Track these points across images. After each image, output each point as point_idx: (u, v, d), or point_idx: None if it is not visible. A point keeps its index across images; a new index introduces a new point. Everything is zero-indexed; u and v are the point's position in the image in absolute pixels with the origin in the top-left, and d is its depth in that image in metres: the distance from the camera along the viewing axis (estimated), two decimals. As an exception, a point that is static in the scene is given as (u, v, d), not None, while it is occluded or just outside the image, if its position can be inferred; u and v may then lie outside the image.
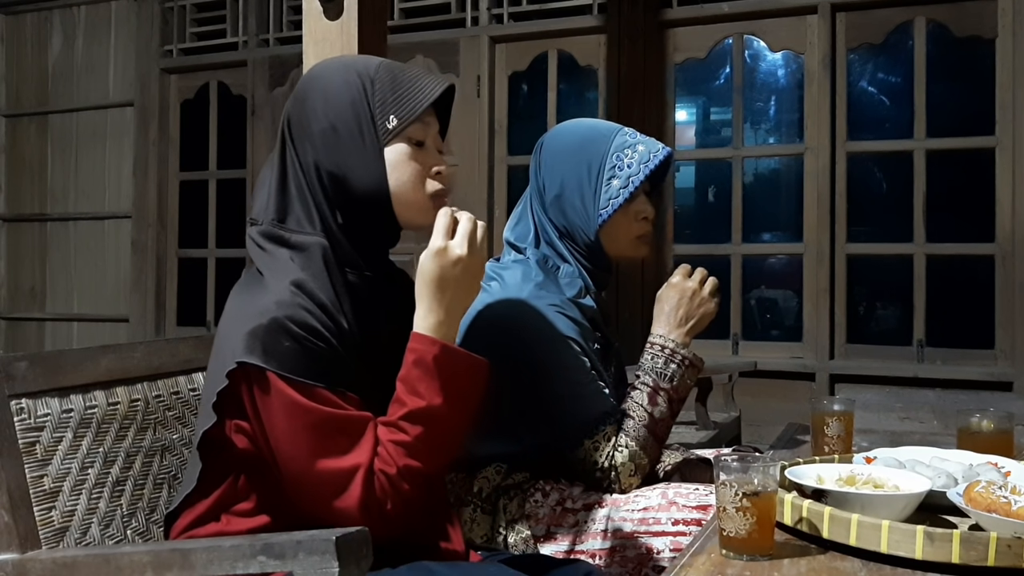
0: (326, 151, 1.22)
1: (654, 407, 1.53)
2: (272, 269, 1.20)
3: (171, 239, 4.93)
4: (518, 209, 1.69)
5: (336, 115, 1.22)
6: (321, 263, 1.20)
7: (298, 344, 1.12)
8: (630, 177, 1.58)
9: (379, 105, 1.22)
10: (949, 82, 3.68)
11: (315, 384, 1.12)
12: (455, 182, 4.28)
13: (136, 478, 1.28)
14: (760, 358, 3.54)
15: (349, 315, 1.21)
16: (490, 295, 1.58)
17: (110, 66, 5.04)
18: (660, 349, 1.57)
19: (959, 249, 3.59)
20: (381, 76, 1.24)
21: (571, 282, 1.60)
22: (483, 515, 1.53)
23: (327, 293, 1.18)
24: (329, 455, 1.12)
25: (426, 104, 1.23)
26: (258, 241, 1.23)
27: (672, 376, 1.55)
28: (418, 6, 4.37)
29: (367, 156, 1.22)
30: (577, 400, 1.50)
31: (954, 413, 1.61)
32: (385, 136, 1.22)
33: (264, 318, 1.12)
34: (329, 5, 2.07)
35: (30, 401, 1.16)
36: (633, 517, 1.45)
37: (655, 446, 1.53)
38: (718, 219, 3.97)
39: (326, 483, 1.13)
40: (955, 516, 1.17)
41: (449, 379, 1.16)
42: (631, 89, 3.97)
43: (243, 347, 1.11)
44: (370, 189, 1.22)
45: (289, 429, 1.12)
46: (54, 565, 1.09)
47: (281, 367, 1.11)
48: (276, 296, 1.15)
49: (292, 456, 1.13)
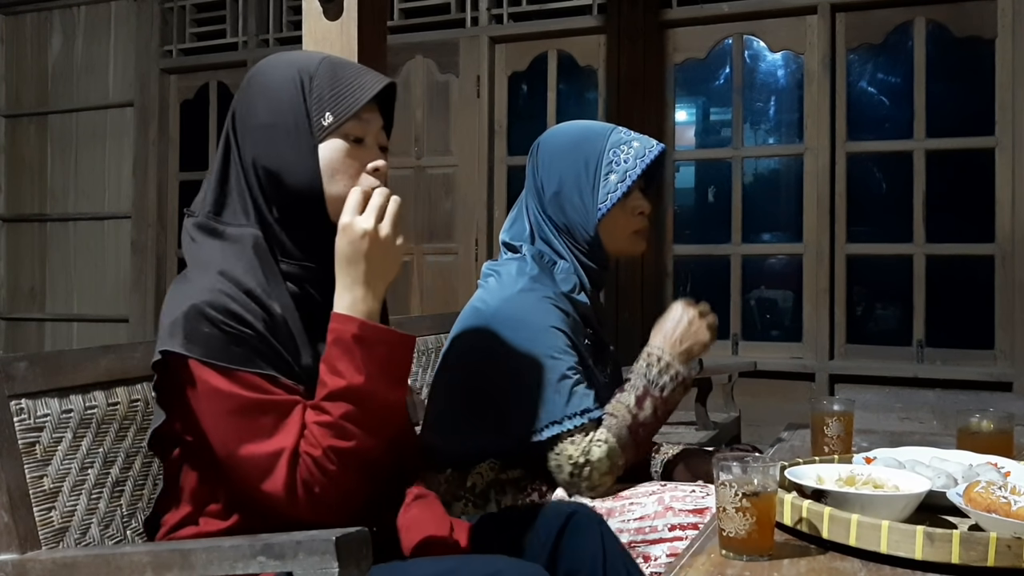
0: (264, 146, 1.23)
1: (640, 411, 1.53)
2: (197, 260, 1.21)
3: (171, 239, 4.93)
4: (513, 212, 1.72)
5: (274, 111, 1.23)
6: (251, 252, 1.20)
7: (217, 329, 1.12)
8: (627, 172, 1.60)
9: (316, 102, 1.23)
10: (949, 82, 3.68)
11: (237, 368, 1.12)
12: (455, 188, 4.28)
13: (136, 478, 1.29)
14: (760, 358, 3.54)
15: (283, 302, 1.20)
16: (486, 290, 1.62)
17: (110, 66, 5.04)
18: (656, 360, 1.57)
19: (959, 249, 3.59)
20: (321, 73, 1.24)
21: (566, 278, 1.62)
22: (474, 509, 1.54)
23: (257, 280, 1.19)
24: (253, 439, 1.13)
25: (363, 102, 1.23)
26: (191, 233, 1.24)
27: (663, 387, 1.56)
28: (418, 6, 4.37)
29: (301, 152, 1.22)
30: (560, 392, 1.50)
31: (954, 413, 1.61)
32: (320, 132, 1.23)
33: (184, 307, 1.13)
34: (329, 5, 2.08)
35: (30, 401, 1.16)
36: (630, 527, 1.46)
37: (633, 449, 1.54)
38: (718, 219, 3.96)
39: (252, 467, 1.13)
40: (955, 516, 1.17)
41: (369, 356, 1.16)
42: (631, 89, 3.96)
43: (165, 336, 1.13)
44: (303, 185, 1.22)
45: (213, 414, 1.13)
46: (54, 565, 1.09)
47: (202, 354, 1.11)
48: (197, 285, 1.16)
49: (219, 442, 1.14)
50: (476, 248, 4.23)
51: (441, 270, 4.34)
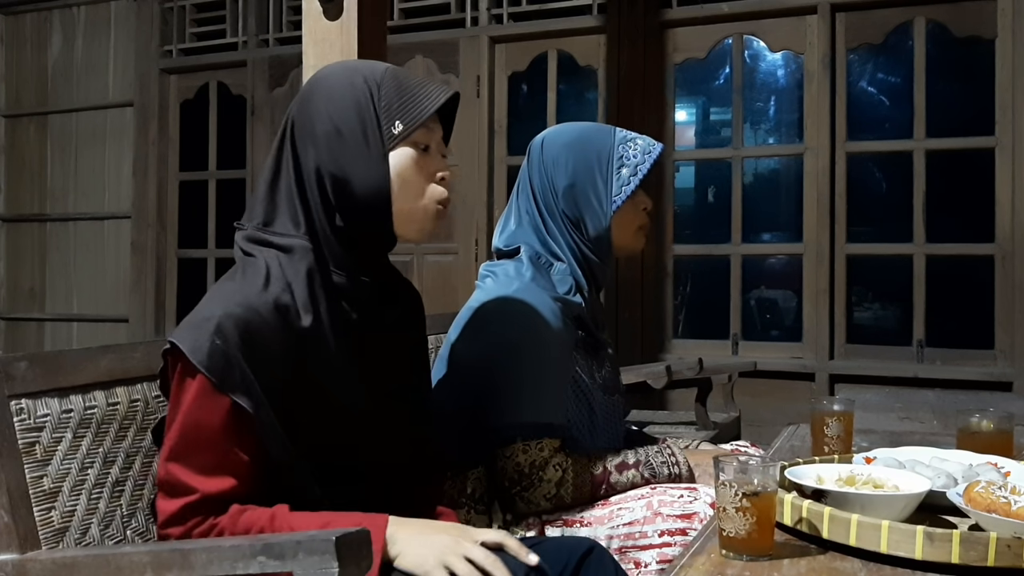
0: (329, 153, 1.22)
1: (620, 473, 1.54)
2: (246, 270, 1.20)
3: (171, 239, 4.93)
4: (504, 216, 1.72)
5: (341, 118, 1.23)
6: (303, 263, 1.20)
7: (226, 347, 1.11)
8: (637, 166, 1.63)
9: (384, 110, 1.23)
10: (949, 82, 3.68)
11: (222, 391, 1.11)
12: (455, 188, 4.28)
13: (136, 478, 1.28)
14: (760, 358, 3.54)
15: (324, 316, 1.19)
16: (483, 291, 1.62)
17: (110, 66, 5.04)
18: (669, 455, 1.59)
19: (959, 249, 3.59)
20: (387, 81, 1.24)
21: (562, 279, 1.62)
22: (477, 516, 1.53)
23: (297, 294, 1.18)
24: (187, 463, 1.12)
25: (432, 110, 1.24)
26: (243, 246, 1.24)
27: (656, 473, 1.57)
28: (418, 6, 4.37)
29: (371, 160, 1.22)
30: (534, 398, 1.50)
31: (954, 413, 1.61)
32: (390, 140, 1.23)
33: (210, 313, 1.13)
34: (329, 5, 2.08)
35: (30, 401, 1.16)
36: (619, 532, 1.46)
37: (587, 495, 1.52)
38: (718, 219, 3.96)
39: (166, 482, 1.13)
40: (955, 516, 1.17)
41: None
42: (631, 89, 3.96)
43: (183, 329, 1.13)
44: (372, 193, 1.22)
45: (177, 417, 1.13)
46: (54, 565, 1.09)
47: (202, 362, 1.10)
48: (234, 296, 1.15)
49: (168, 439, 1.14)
50: (476, 248, 4.23)
51: (441, 270, 4.34)
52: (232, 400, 1.11)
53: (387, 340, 1.30)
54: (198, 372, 1.11)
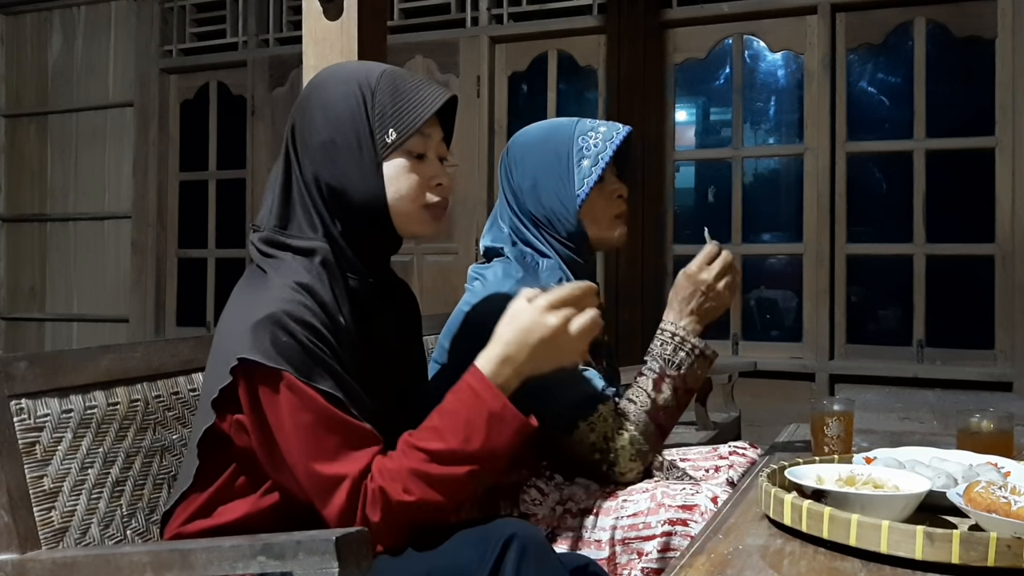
0: (325, 164, 1.22)
1: (658, 394, 1.53)
2: (276, 268, 1.20)
3: (171, 239, 4.93)
4: (490, 219, 1.73)
5: (335, 128, 1.22)
6: (322, 266, 1.20)
7: (295, 340, 1.12)
8: (598, 155, 1.62)
9: (378, 118, 1.22)
10: (949, 82, 3.68)
11: (311, 383, 1.12)
12: (456, 188, 4.28)
13: (136, 478, 1.28)
14: (760, 358, 3.54)
15: (348, 318, 1.21)
16: (474, 294, 1.63)
17: (110, 66, 5.04)
18: (670, 336, 1.57)
19: (959, 249, 3.59)
20: (382, 87, 1.23)
21: (551, 274, 1.62)
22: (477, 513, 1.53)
23: (327, 295, 1.19)
24: (318, 457, 1.12)
25: (426, 117, 1.23)
26: (260, 247, 1.24)
27: (680, 364, 1.55)
28: (418, 6, 4.37)
29: (365, 170, 1.22)
30: (567, 383, 1.50)
31: (954, 413, 1.61)
32: (384, 150, 1.22)
33: (264, 313, 1.12)
34: (329, 5, 2.08)
35: (30, 401, 1.16)
36: (623, 524, 1.46)
37: (656, 434, 1.53)
38: (718, 219, 3.96)
39: (314, 485, 1.13)
40: (955, 516, 1.17)
41: (496, 436, 1.15)
42: (631, 89, 3.96)
43: (244, 343, 1.11)
44: (368, 202, 1.22)
45: (283, 426, 1.12)
46: (54, 565, 1.09)
47: (280, 363, 1.11)
48: (279, 293, 1.15)
49: (288, 451, 1.13)
50: (476, 248, 4.23)
51: (441, 270, 4.34)
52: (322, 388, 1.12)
53: (391, 341, 1.30)
54: (281, 372, 1.10)
